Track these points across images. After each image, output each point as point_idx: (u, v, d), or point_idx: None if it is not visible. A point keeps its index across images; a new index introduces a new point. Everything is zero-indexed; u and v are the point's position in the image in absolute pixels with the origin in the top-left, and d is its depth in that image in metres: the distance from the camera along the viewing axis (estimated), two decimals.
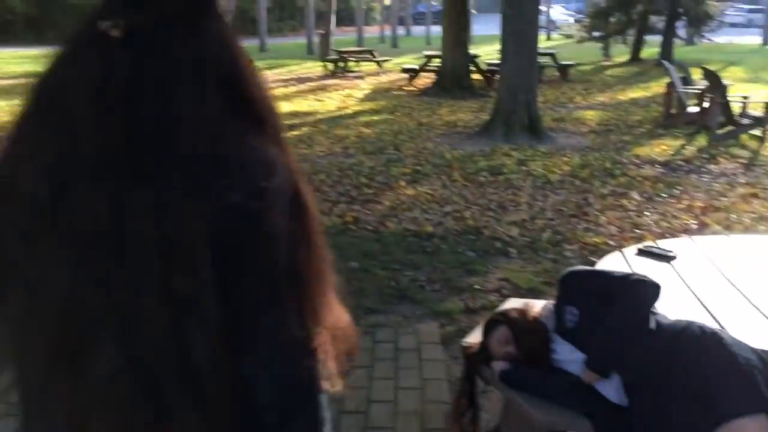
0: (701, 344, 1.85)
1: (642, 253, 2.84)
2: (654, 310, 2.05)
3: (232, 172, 0.88)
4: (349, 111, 12.92)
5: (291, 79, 18.88)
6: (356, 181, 7.37)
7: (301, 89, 16.67)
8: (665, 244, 2.97)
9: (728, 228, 5.51)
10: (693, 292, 2.40)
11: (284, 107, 13.49)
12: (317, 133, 10.55)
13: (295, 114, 12.65)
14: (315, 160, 8.59)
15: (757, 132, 9.33)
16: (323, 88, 16.66)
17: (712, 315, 2.20)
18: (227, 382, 0.89)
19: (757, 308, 2.25)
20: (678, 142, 9.24)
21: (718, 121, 9.33)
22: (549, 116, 11.48)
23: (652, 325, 1.98)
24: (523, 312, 2.28)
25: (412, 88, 15.60)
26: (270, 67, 20.77)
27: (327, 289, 1.00)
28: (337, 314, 1.03)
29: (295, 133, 10.50)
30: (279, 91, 16.37)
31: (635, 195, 6.61)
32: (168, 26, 0.91)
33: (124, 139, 0.87)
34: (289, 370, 0.91)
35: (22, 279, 0.91)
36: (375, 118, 11.97)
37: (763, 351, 1.90)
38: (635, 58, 21.29)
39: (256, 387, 0.90)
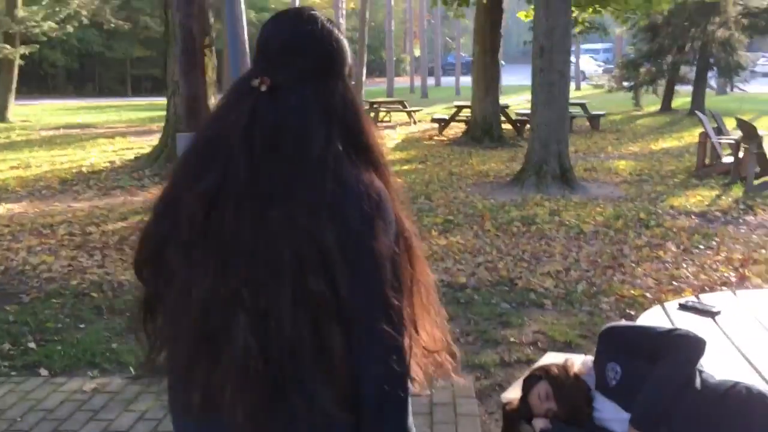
0: (748, 405, 1.80)
1: (683, 308, 2.79)
2: (700, 368, 2.02)
3: (349, 201, 1.12)
4: None
5: None
6: None
7: None
8: (707, 299, 2.92)
9: None
10: (738, 349, 2.35)
11: None
12: None
13: None
14: None
15: None
16: None
17: (759, 373, 2.14)
18: (351, 366, 1.11)
19: None
20: (713, 193, 9.14)
21: (754, 172, 9.23)
22: (581, 166, 11.46)
23: (698, 383, 1.94)
24: (564, 368, 2.25)
25: (442, 138, 15.74)
26: None
27: (426, 306, 1.23)
28: (433, 332, 1.25)
29: None
30: None
31: (671, 246, 6.53)
32: (302, 84, 1.17)
33: (266, 170, 1.11)
34: (386, 370, 1.12)
35: (178, 281, 1.15)
36: (406, 167, 12.05)
37: None
38: (666, 107, 21.28)
39: (362, 378, 1.13)
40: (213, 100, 10.22)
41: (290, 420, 1.13)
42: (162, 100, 12.09)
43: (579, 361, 2.33)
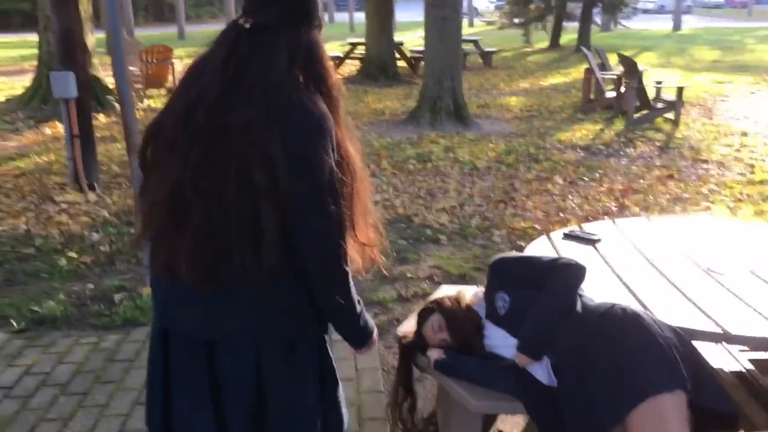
0: (623, 325, 1.93)
1: (567, 237, 2.94)
2: (580, 293, 2.13)
3: (300, 114, 1.44)
4: None
5: None
6: None
7: None
8: (589, 228, 3.08)
9: (647, 209, 5.77)
10: (616, 274, 2.51)
11: None
12: None
13: None
14: None
15: (670, 115, 9.77)
16: None
17: (634, 295, 2.30)
18: (280, 245, 1.44)
19: (677, 287, 2.37)
20: (597, 127, 9.57)
21: (634, 106, 9.71)
22: (474, 103, 11.66)
23: (579, 307, 2.05)
24: (455, 300, 2.33)
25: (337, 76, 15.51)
26: (189, 56, 20.25)
27: (363, 213, 1.56)
28: (368, 232, 1.60)
29: None
30: None
31: (559, 179, 6.82)
32: (278, 26, 1.49)
33: (237, 86, 1.43)
34: (326, 254, 1.47)
35: (161, 167, 1.50)
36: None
37: (681, 329, 2.01)
38: (554, 44, 21.86)
39: (306, 263, 1.47)
40: (90, 37, 9.57)
41: (233, 284, 1.46)
42: (34, 37, 11.20)
43: (471, 293, 2.42)
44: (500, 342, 2.22)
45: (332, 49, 19.45)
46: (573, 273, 2.05)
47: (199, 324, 1.54)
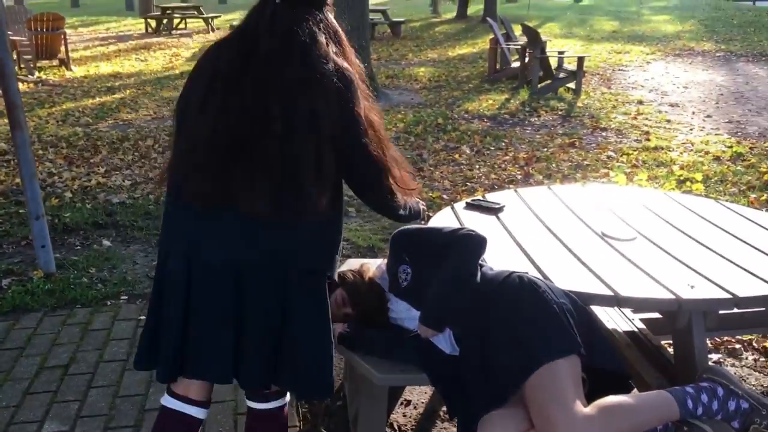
0: (519, 294, 1.96)
1: (470, 206, 2.96)
2: (482, 263, 2.15)
3: (344, 77, 1.68)
4: (176, 71, 12.29)
5: (110, 38, 17.59)
6: None
7: (122, 48, 15.60)
8: (492, 197, 3.12)
9: (549, 177, 5.93)
10: (517, 242, 2.55)
11: (104, 68, 12.57)
12: (142, 95, 9.95)
13: (116, 75, 11.83)
14: (141, 125, 8.11)
15: (571, 85, 10.06)
16: (146, 47, 15.70)
17: (533, 263, 2.34)
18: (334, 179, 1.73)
19: (573, 253, 2.43)
20: (503, 97, 9.75)
21: (538, 76, 9.94)
22: (383, 73, 11.63)
23: (478, 277, 2.07)
24: (358, 273, 2.30)
25: None
26: (84, 25, 19.21)
27: (394, 156, 1.84)
28: (403, 175, 1.88)
29: (116, 96, 9.84)
30: (97, 51, 15.22)
31: (466, 149, 6.91)
32: (305, 6, 1.73)
33: (287, 49, 1.66)
34: (377, 196, 1.86)
35: (207, 112, 1.67)
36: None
37: (577, 293, 2.07)
38: (462, 14, 22.07)
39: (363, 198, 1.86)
40: None
41: (292, 210, 1.65)
42: None
43: (374, 266, 2.40)
44: (404, 315, 2.21)
45: (237, 18, 18.90)
46: (473, 244, 2.06)
47: (233, 250, 1.67)
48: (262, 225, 1.66)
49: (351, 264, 2.77)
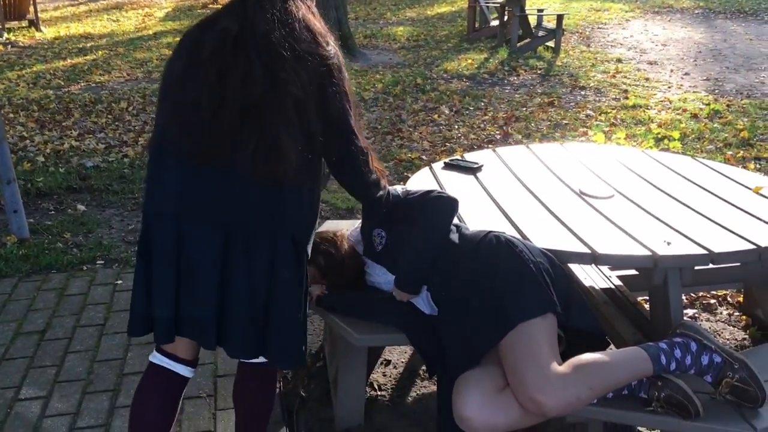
0: (496, 253, 1.95)
1: (448, 166, 2.94)
2: (458, 224, 2.14)
3: (318, 47, 1.71)
4: (149, 32, 12.02)
5: None
6: None
7: (93, 9, 15.20)
8: (471, 157, 3.10)
9: (528, 136, 5.91)
10: (495, 201, 2.54)
11: (74, 29, 12.26)
12: (115, 57, 9.73)
13: (87, 36, 11.54)
14: (114, 87, 7.94)
15: (551, 43, 9.99)
16: (118, 7, 15.32)
17: (511, 222, 2.34)
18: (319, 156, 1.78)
19: (551, 212, 2.43)
20: (482, 56, 9.66)
21: (518, 34, 9.85)
22: (361, 33, 11.47)
23: (455, 238, 2.06)
24: (333, 236, 2.28)
25: (218, 5, 14.79)
26: None
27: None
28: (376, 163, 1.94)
29: (89, 57, 9.61)
30: (68, 11, 14.82)
31: (445, 110, 6.86)
32: None
33: (264, 38, 1.68)
34: (362, 180, 1.89)
35: (202, 79, 1.68)
36: (179, 38, 11.24)
37: (554, 252, 2.06)
38: None
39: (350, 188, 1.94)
40: None
41: (280, 180, 1.67)
42: None
43: (350, 230, 2.38)
44: (380, 278, 2.21)
45: None
46: (444, 206, 2.04)
47: (226, 210, 1.67)
48: (255, 186, 1.66)
49: (328, 226, 2.74)
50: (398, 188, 2.13)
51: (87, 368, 2.74)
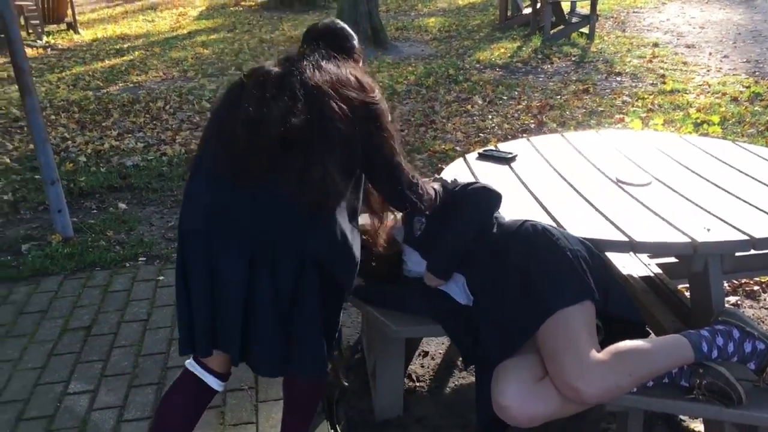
0: (533, 241, 1.94)
1: (482, 157, 2.93)
2: (495, 213, 2.14)
3: (363, 92, 1.81)
4: (183, 31, 12.18)
5: None
6: (198, 106, 7.04)
7: (129, 10, 15.46)
8: (505, 147, 3.08)
9: (563, 125, 5.85)
10: (530, 191, 2.53)
11: (111, 30, 12.48)
12: (151, 56, 9.89)
13: (124, 37, 11.75)
14: (151, 87, 8.08)
15: (585, 30, 9.85)
16: (153, 8, 15.55)
17: (547, 211, 2.32)
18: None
19: (587, 200, 2.41)
20: (515, 45, 9.57)
21: (551, 21, 9.73)
22: (392, 25, 11.46)
23: (492, 227, 2.06)
24: (371, 227, 2.30)
25: (250, 3, 14.92)
26: None
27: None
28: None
29: (126, 58, 9.79)
30: (104, 13, 15.10)
31: (478, 100, 6.82)
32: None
33: (308, 77, 1.78)
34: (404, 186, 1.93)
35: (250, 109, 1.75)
36: (213, 37, 11.37)
37: (591, 240, 2.05)
38: None
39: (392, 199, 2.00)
40: None
41: (321, 205, 1.72)
42: None
43: (392, 219, 2.39)
44: (418, 266, 2.22)
45: None
46: (487, 199, 2.05)
47: (254, 230, 1.70)
48: (288, 211, 1.70)
49: (364, 218, 2.76)
50: (446, 178, 2.14)
51: (132, 362, 2.81)
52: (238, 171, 1.70)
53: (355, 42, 2.06)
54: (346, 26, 2.08)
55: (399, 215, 2.38)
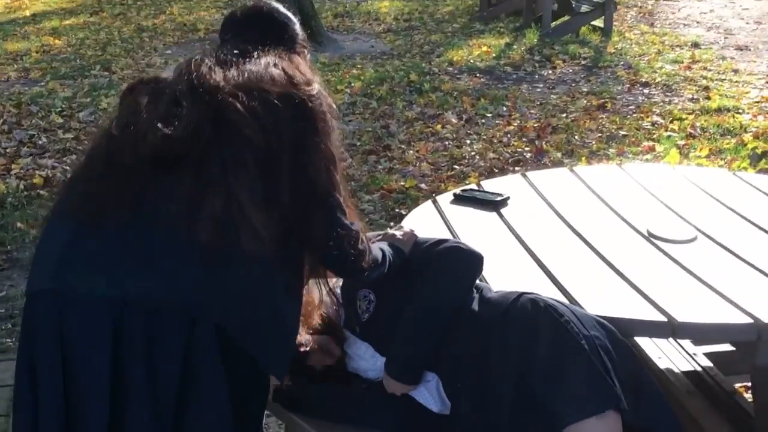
0: (534, 326, 1.95)
1: (460, 199, 2.95)
2: (479, 283, 2.15)
3: (293, 86, 1.84)
4: (25, 13, 12.11)
5: None
6: (46, 122, 6.95)
7: None
8: (491, 185, 3.12)
9: (571, 154, 5.96)
10: (527, 249, 2.55)
11: None
12: None
13: None
14: None
15: (598, 22, 10.12)
16: None
17: (551, 277, 2.34)
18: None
19: (607, 262, 2.44)
20: (502, 41, 9.78)
21: (551, 10, 9.97)
22: (329, 11, 11.61)
23: (474, 303, 2.07)
24: (306, 301, 2.28)
25: None
26: None
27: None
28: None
29: None
30: None
31: (452, 117, 6.91)
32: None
33: (204, 76, 1.81)
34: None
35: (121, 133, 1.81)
36: (69, 21, 11.33)
37: (613, 320, 2.07)
38: None
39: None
40: None
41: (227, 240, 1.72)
42: None
43: (322, 291, 2.37)
44: (365, 362, 2.21)
45: None
46: (464, 263, 2.06)
47: (120, 280, 1.68)
48: (180, 250, 1.70)
49: None
50: (396, 232, 2.14)
51: None
52: (98, 205, 1.71)
53: (296, 27, 2.08)
54: (280, 7, 2.10)
55: (334, 282, 2.37)
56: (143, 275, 1.68)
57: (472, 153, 6.06)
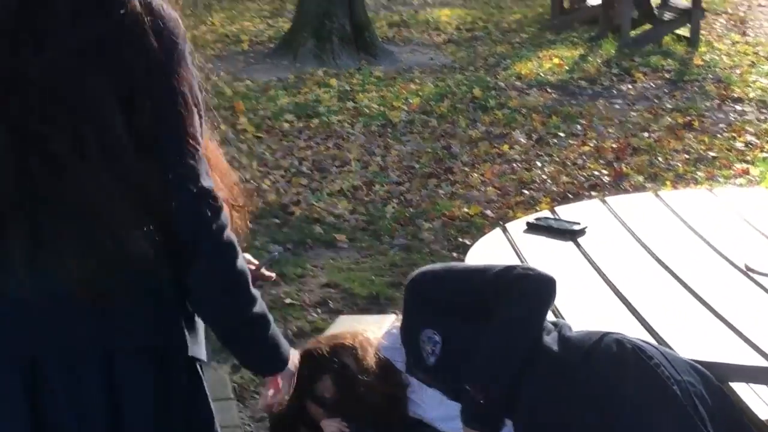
0: (618, 368, 1.95)
1: (533, 228, 2.95)
2: (557, 321, 2.14)
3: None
4: None
5: None
6: None
7: None
8: (566, 213, 3.11)
9: (654, 178, 5.92)
10: (609, 283, 2.53)
11: None
12: None
13: None
14: None
15: (684, 31, 10.05)
16: None
17: (636, 315, 2.33)
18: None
19: (700, 299, 2.42)
20: (576, 52, 9.75)
21: (631, 18, 9.93)
22: (384, 20, 11.68)
23: (552, 342, 2.06)
24: (353, 343, 2.28)
25: None
26: None
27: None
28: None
29: None
30: None
31: (520, 137, 6.90)
32: None
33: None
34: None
35: None
36: None
37: (708, 364, 2.05)
38: None
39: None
40: None
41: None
42: None
43: (378, 331, 2.38)
44: (434, 411, 2.21)
45: None
46: (535, 289, 2.05)
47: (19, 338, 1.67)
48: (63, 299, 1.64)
49: (348, 324, 2.75)
50: (458, 265, 2.14)
51: None
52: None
53: None
54: None
55: (393, 325, 2.36)
56: (37, 328, 1.67)
57: (543, 176, 6.04)
